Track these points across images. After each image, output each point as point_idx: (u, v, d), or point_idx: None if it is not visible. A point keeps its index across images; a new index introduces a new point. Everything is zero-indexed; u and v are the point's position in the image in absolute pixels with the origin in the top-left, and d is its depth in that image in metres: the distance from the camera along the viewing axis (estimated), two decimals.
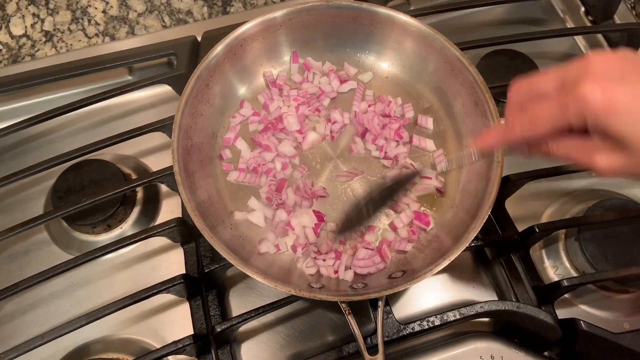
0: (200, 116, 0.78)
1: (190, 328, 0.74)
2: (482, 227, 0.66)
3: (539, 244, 0.81)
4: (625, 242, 0.77)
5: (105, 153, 0.86)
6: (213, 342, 0.72)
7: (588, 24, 1.05)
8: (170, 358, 0.73)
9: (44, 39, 1.06)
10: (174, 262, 0.81)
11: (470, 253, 0.82)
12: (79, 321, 0.69)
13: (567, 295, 0.77)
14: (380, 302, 0.67)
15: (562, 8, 1.08)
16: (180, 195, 0.68)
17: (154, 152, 0.90)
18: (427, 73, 0.84)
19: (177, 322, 0.77)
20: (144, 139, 0.88)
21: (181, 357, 0.74)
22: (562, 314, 0.75)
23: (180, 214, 0.83)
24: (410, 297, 0.78)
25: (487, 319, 0.77)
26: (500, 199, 0.81)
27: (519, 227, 0.78)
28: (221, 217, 0.74)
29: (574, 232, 0.79)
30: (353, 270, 0.71)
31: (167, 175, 0.78)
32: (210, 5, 1.10)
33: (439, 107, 0.84)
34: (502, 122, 0.58)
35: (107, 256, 0.77)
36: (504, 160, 0.69)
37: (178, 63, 0.92)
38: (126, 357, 0.74)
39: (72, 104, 0.86)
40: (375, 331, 0.69)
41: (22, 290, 0.72)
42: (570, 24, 1.07)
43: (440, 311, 0.72)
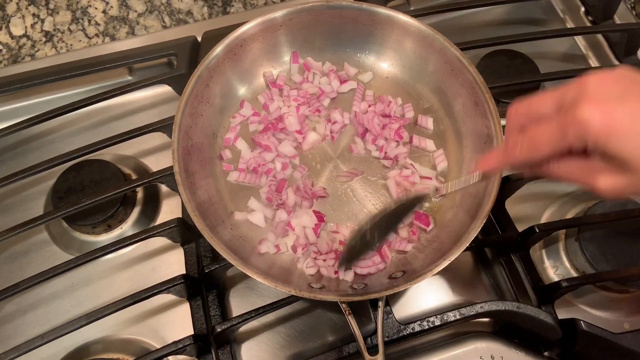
0: (201, 116, 0.78)
1: (191, 328, 0.74)
2: (482, 227, 0.66)
3: (539, 244, 0.81)
4: (625, 242, 0.77)
5: (106, 153, 0.86)
6: (213, 342, 0.72)
7: (588, 24, 1.05)
8: (171, 358, 0.73)
9: (44, 39, 1.06)
10: (174, 262, 0.81)
11: (470, 253, 0.82)
12: (79, 321, 0.69)
13: (567, 296, 0.77)
14: (381, 302, 0.67)
15: (562, 8, 1.08)
16: (180, 195, 0.68)
17: (154, 153, 0.90)
18: (427, 73, 0.84)
19: (177, 322, 0.77)
20: (144, 139, 0.88)
21: (181, 357, 0.74)
22: (562, 314, 0.75)
23: (181, 214, 0.82)
24: (411, 298, 0.78)
25: (487, 319, 0.77)
26: (500, 199, 0.80)
27: (519, 227, 0.78)
28: (221, 218, 0.74)
29: (574, 232, 0.79)
30: (353, 271, 0.71)
31: (167, 176, 0.78)
32: (210, 5, 1.10)
33: (439, 107, 0.84)
34: (503, 122, 0.58)
35: (107, 256, 0.76)
36: None
37: (178, 63, 0.92)
38: (126, 357, 0.74)
39: (72, 104, 0.85)
40: (375, 331, 0.69)
41: (23, 290, 0.72)
42: (570, 24, 1.06)
43: (441, 311, 0.72)
